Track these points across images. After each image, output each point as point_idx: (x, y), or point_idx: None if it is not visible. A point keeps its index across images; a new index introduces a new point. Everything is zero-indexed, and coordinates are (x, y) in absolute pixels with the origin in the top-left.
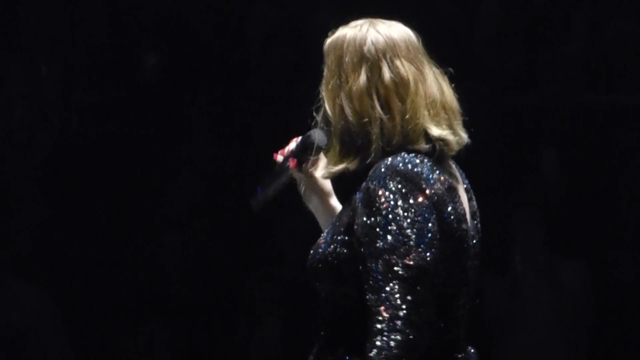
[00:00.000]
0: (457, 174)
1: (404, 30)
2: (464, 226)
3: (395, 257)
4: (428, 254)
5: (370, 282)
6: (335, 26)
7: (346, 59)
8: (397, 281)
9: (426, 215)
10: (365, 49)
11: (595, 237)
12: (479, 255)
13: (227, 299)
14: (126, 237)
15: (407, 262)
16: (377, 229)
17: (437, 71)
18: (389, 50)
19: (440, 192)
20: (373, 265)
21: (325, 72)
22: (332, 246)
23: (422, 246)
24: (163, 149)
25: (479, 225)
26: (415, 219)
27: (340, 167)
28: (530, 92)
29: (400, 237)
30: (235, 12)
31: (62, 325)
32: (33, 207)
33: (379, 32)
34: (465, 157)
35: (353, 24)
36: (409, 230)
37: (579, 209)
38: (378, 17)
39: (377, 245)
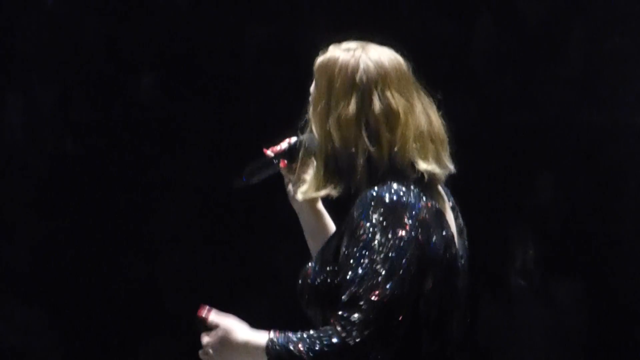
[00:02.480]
0: (443, 193)
1: (395, 57)
2: (452, 250)
3: (361, 290)
4: (396, 291)
5: (338, 307)
6: (327, 45)
7: (337, 84)
8: (358, 314)
9: (402, 251)
10: (357, 76)
11: (591, 256)
12: (467, 274)
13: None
14: (122, 254)
15: (371, 297)
16: (351, 260)
17: (425, 101)
18: (380, 81)
19: (427, 220)
20: (342, 294)
21: (314, 91)
22: (321, 276)
23: (390, 283)
24: (158, 166)
25: (466, 242)
26: (389, 254)
27: (322, 192)
28: (526, 111)
29: (370, 272)
30: (229, 31)
31: (59, 345)
32: (29, 226)
33: (370, 60)
34: (460, 176)
35: (345, 46)
36: (379, 266)
37: (575, 228)
38: (373, 35)
39: (348, 275)
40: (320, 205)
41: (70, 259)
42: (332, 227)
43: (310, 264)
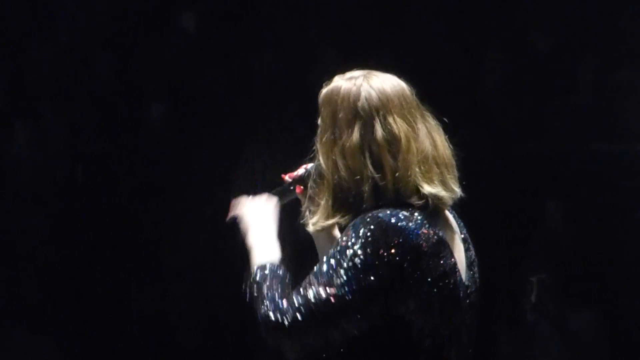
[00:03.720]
0: (454, 224)
1: (398, 83)
2: (451, 279)
3: (316, 281)
4: (347, 298)
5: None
6: (331, 76)
7: (340, 115)
8: (300, 299)
9: (373, 268)
10: (359, 105)
11: (605, 286)
12: (475, 305)
13: (233, 349)
14: (132, 286)
15: (320, 290)
16: (324, 258)
17: (431, 125)
18: (382, 107)
19: (422, 248)
20: (304, 281)
21: (320, 123)
22: None
23: (345, 288)
24: (168, 197)
25: (476, 275)
26: (358, 266)
27: (331, 221)
28: (536, 141)
29: (331, 272)
30: (239, 61)
31: None
32: (38, 256)
33: (372, 88)
34: (471, 208)
35: (348, 75)
36: (342, 271)
37: (588, 258)
38: (382, 65)
39: (314, 269)
40: (336, 232)
41: (80, 289)
42: None
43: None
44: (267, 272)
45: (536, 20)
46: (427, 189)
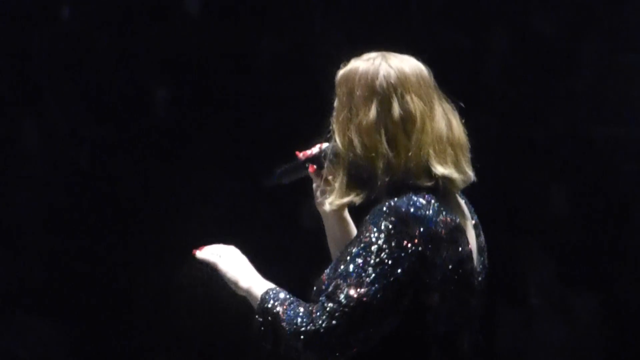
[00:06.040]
0: (466, 209)
1: (416, 64)
2: (467, 266)
3: (345, 284)
4: (379, 295)
5: (320, 295)
6: (347, 58)
7: (357, 92)
8: (332, 304)
9: (400, 260)
10: (377, 83)
11: (608, 270)
12: (484, 292)
13: (237, 340)
14: (138, 271)
15: (351, 292)
16: (347, 257)
17: (447, 107)
18: (400, 85)
19: (441, 235)
20: (328, 285)
21: (336, 103)
22: (333, 282)
23: (376, 285)
24: (172, 184)
25: (485, 261)
26: (386, 260)
27: (346, 200)
28: (540, 126)
29: (359, 270)
30: (241, 44)
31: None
32: (44, 244)
33: (390, 67)
34: (475, 191)
35: (366, 56)
36: (370, 269)
37: (591, 242)
38: (386, 50)
39: (339, 269)
40: (346, 213)
41: (83, 275)
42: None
43: (326, 270)
44: (272, 296)
45: (539, 4)
46: (439, 169)
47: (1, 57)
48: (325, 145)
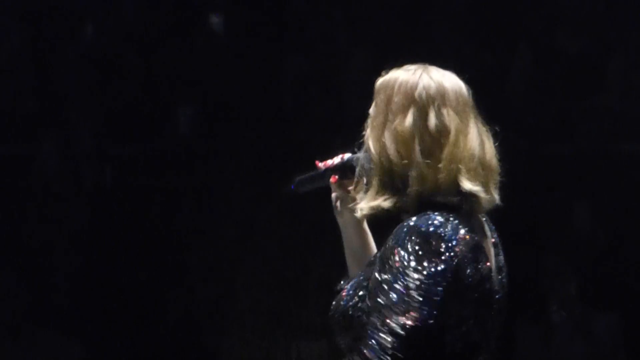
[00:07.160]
0: (487, 227)
1: (456, 81)
2: (487, 285)
3: (393, 313)
4: (431, 316)
5: (368, 332)
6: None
7: (395, 99)
8: (388, 335)
9: (438, 278)
10: (417, 93)
11: (629, 288)
12: (502, 311)
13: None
14: (161, 288)
15: (404, 320)
16: (385, 286)
17: (482, 128)
18: (439, 98)
19: (462, 254)
20: (372, 318)
21: (373, 109)
22: (353, 300)
23: (426, 307)
24: (197, 200)
25: (504, 280)
26: (425, 281)
27: (375, 203)
28: (564, 143)
29: (404, 297)
30: (267, 63)
31: None
32: (68, 262)
33: (431, 79)
34: (499, 209)
35: (407, 67)
36: (415, 293)
37: (613, 260)
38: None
39: (379, 300)
40: (365, 225)
41: (108, 292)
42: (373, 248)
43: (346, 285)
44: None
45: (564, 21)
46: (467, 185)
47: (25, 75)
48: (347, 155)
